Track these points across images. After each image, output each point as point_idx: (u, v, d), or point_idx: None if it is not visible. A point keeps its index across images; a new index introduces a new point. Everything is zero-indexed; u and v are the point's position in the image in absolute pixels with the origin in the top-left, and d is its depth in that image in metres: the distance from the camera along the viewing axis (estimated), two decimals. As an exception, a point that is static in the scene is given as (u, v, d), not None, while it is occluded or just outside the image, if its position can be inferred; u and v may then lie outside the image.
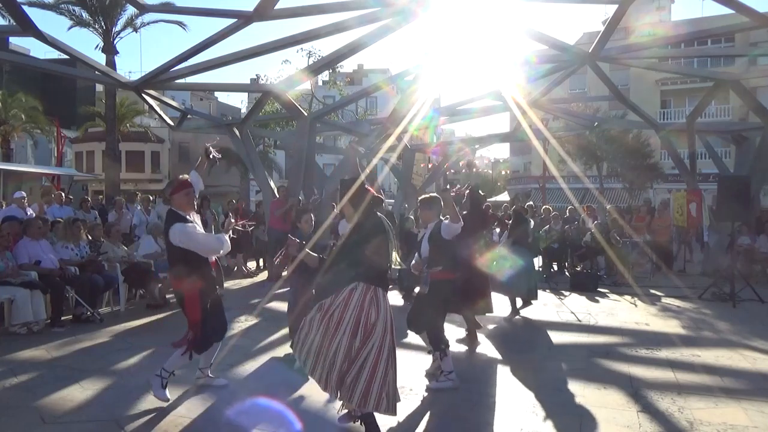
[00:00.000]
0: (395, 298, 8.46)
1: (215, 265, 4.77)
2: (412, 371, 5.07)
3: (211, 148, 4.63)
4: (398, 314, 7.32)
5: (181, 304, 4.35)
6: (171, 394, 4.27)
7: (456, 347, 6.11)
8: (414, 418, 4.08)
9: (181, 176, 4.52)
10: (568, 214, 13.70)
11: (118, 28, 21.11)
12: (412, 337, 5.48)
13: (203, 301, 4.23)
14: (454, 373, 4.71)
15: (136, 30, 21.64)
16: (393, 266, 3.83)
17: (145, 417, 4.00)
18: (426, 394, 4.57)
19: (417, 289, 5.82)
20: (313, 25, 10.24)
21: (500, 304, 7.56)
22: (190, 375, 4.59)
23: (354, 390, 3.46)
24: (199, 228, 4.29)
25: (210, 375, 4.64)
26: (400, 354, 5.61)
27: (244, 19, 8.48)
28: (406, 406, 4.30)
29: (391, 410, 3.56)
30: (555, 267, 12.27)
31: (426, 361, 5.20)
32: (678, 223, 12.86)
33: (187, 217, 4.27)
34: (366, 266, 3.64)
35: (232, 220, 4.79)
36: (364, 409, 3.54)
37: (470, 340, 6.21)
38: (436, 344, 4.80)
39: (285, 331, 6.07)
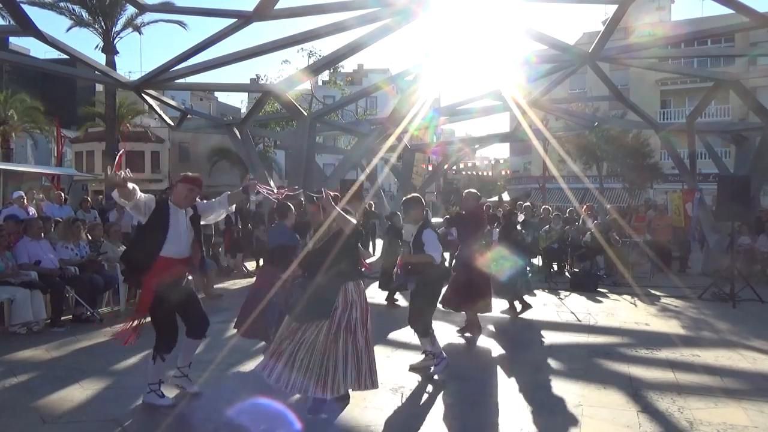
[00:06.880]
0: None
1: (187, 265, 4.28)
2: (411, 372, 5.06)
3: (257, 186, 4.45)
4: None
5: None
6: (169, 394, 4.27)
7: (455, 343, 6.12)
8: (414, 418, 4.08)
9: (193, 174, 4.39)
10: (567, 214, 13.71)
11: (118, 27, 21.13)
12: (410, 338, 5.50)
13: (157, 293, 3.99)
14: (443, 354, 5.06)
15: (136, 30, 21.67)
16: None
17: (145, 417, 4.00)
18: (425, 394, 4.57)
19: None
20: (313, 25, 10.27)
21: (499, 305, 7.57)
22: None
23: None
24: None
25: (188, 376, 4.39)
26: (396, 355, 5.65)
27: (244, 19, 8.50)
28: (406, 406, 4.30)
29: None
30: (555, 267, 12.26)
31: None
32: (676, 224, 12.87)
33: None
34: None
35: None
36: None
37: (472, 330, 6.48)
38: (424, 332, 5.02)
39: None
